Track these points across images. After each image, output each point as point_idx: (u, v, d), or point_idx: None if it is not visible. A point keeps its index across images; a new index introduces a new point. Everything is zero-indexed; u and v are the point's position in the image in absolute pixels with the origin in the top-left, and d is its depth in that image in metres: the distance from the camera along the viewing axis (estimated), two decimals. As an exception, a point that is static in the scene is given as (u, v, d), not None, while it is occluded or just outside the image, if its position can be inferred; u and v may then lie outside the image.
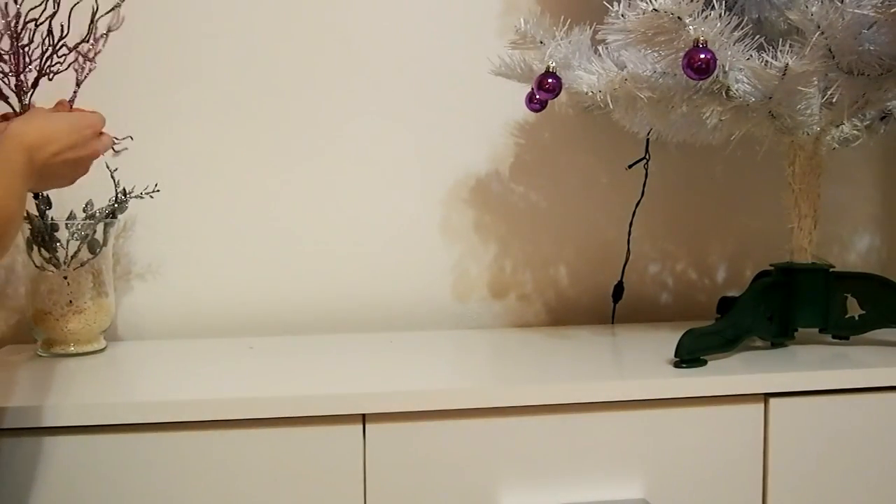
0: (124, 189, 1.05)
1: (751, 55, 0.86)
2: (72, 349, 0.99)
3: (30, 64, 0.89)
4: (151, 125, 1.12)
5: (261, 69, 1.15)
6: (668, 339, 0.97)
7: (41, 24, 0.89)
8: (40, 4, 0.89)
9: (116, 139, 0.95)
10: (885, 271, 1.28)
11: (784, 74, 0.85)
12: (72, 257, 0.99)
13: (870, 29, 0.83)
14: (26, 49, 0.89)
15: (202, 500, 0.78)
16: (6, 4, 0.88)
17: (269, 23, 1.15)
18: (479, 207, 1.22)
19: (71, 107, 0.87)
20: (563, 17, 0.98)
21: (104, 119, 0.84)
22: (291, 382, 0.86)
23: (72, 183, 0.82)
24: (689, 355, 0.90)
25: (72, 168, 0.79)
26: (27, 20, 0.89)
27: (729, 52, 0.84)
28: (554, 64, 0.93)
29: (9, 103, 0.89)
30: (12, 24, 0.88)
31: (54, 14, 0.89)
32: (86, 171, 0.82)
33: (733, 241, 1.29)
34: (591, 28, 0.96)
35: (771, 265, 1.05)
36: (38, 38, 0.90)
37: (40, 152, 0.73)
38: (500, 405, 0.82)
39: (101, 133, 0.83)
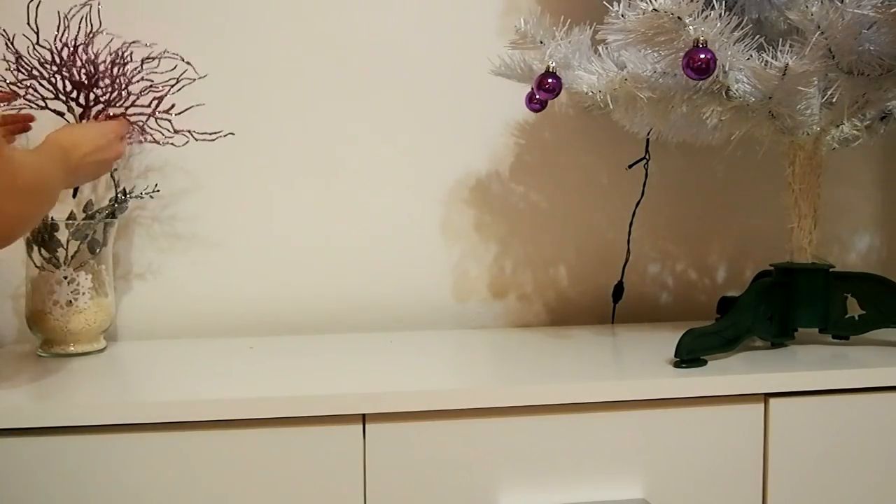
0: (124, 189, 1.05)
1: (751, 55, 0.86)
2: (72, 349, 0.99)
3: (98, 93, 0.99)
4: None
5: (260, 68, 1.15)
6: (668, 339, 0.97)
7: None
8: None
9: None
10: (885, 271, 1.28)
11: (784, 74, 0.85)
12: (72, 257, 0.99)
13: (870, 29, 0.83)
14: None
15: (202, 500, 0.78)
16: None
17: (270, 22, 1.15)
18: (479, 207, 1.22)
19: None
20: (563, 17, 0.98)
21: (126, 124, 0.99)
22: (291, 382, 0.86)
23: (97, 178, 0.99)
24: (688, 355, 0.90)
25: (98, 167, 0.93)
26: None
27: (729, 52, 0.84)
28: (554, 64, 0.93)
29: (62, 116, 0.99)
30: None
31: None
32: (109, 169, 0.97)
33: (733, 241, 1.29)
34: (591, 28, 0.96)
35: (771, 265, 1.05)
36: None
37: (74, 152, 0.87)
38: (500, 405, 0.82)
39: (122, 138, 0.98)
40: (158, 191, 1.08)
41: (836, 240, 1.32)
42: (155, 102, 1.01)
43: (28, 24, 0.96)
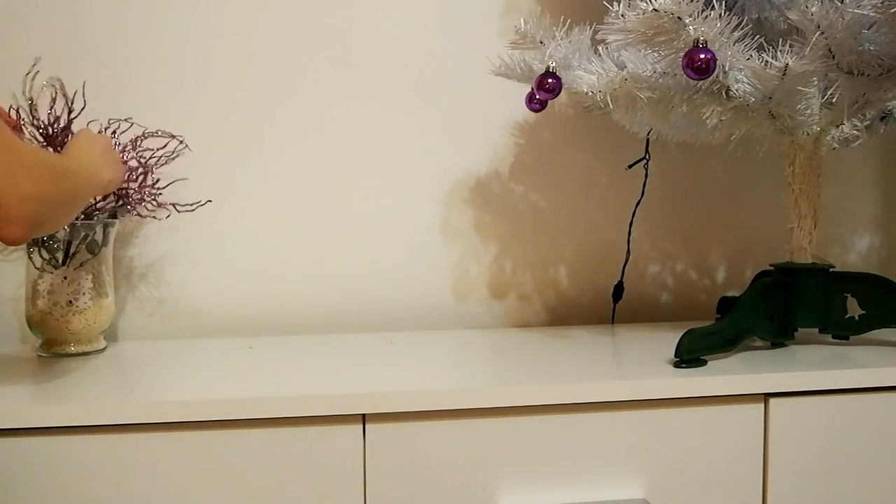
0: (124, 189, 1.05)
1: (751, 55, 0.86)
2: (72, 349, 0.99)
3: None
4: (151, 126, 1.12)
5: (261, 69, 1.15)
6: (668, 339, 0.97)
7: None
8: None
9: None
10: (885, 271, 1.28)
11: (784, 74, 0.85)
12: (71, 257, 0.99)
13: (870, 29, 0.83)
14: None
15: (202, 500, 0.78)
16: None
17: (270, 23, 1.15)
18: (479, 207, 1.22)
19: None
20: (563, 17, 0.98)
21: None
22: (291, 382, 0.86)
23: (117, 173, 0.94)
24: (688, 355, 0.90)
25: (111, 154, 0.94)
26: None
27: (729, 52, 0.84)
28: (554, 64, 0.93)
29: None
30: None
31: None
32: (120, 167, 0.96)
33: (733, 241, 1.29)
34: (591, 28, 0.96)
35: (771, 265, 1.05)
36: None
37: (86, 152, 0.89)
38: (500, 405, 0.82)
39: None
40: (160, 193, 1.08)
41: (836, 240, 1.32)
42: (142, 177, 1.03)
43: (24, 93, 0.98)
